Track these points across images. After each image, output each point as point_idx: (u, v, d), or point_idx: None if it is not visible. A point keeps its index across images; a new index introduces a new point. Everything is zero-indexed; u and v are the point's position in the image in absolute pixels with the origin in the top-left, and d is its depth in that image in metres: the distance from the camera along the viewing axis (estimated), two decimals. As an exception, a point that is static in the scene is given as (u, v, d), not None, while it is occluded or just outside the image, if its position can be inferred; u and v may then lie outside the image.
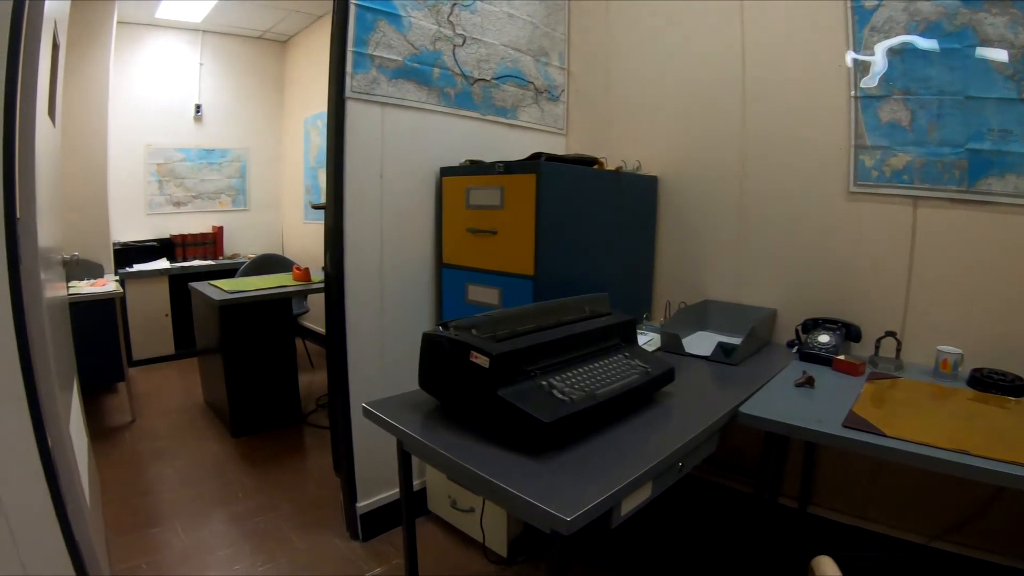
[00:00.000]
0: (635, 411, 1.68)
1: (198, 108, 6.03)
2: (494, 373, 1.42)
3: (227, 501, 2.98)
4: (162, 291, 5.39)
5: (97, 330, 3.72)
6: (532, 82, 3.08)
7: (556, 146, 3.25)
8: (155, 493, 3.09)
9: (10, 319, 1.57)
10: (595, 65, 3.21)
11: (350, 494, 2.59)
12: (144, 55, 5.73)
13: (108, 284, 3.96)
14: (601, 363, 1.69)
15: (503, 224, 2.39)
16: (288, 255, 5.57)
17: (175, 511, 2.91)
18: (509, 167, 2.35)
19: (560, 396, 1.46)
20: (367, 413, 1.70)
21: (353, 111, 2.36)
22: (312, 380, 4.79)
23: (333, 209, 2.39)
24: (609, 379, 1.62)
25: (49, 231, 2.02)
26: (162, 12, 5.40)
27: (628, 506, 1.33)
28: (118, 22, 5.01)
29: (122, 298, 3.93)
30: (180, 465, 3.41)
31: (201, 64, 6.01)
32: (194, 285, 4.06)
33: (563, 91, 3.28)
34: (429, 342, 1.60)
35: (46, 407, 1.71)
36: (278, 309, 3.79)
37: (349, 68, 2.33)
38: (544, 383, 1.49)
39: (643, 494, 1.38)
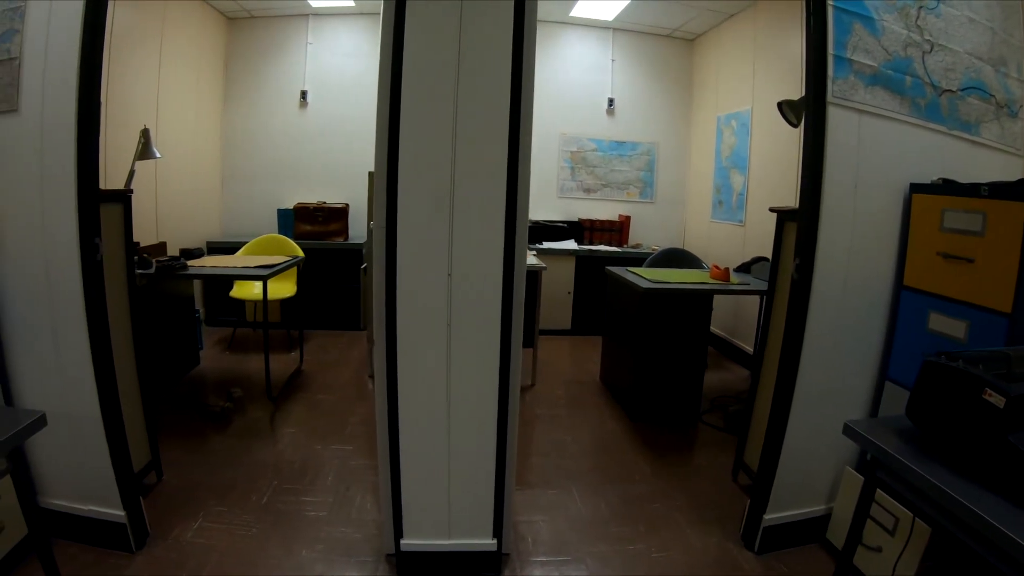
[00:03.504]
0: None
1: (611, 102, 6.45)
2: (1008, 415, 1.30)
3: (624, 480, 3.10)
4: (568, 270, 5.90)
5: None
6: (993, 95, 2.74)
7: (1013, 170, 2.88)
8: (554, 457, 3.35)
9: (499, 282, 2.01)
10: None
11: (759, 504, 2.53)
12: (560, 50, 6.34)
13: (531, 258, 4.31)
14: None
15: (983, 252, 2.16)
16: (689, 251, 5.58)
17: (572, 478, 3.12)
18: (995, 190, 2.12)
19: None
20: (848, 431, 1.70)
21: (833, 117, 2.29)
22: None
23: (807, 216, 2.33)
24: None
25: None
26: (577, 11, 5.87)
27: None
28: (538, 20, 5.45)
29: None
30: (579, 436, 3.65)
31: (613, 60, 6.41)
32: (612, 269, 4.28)
33: (1021, 106, 2.91)
34: (933, 371, 1.53)
35: (513, 362, 2.10)
36: (697, 304, 3.82)
37: (830, 72, 2.26)
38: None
39: None
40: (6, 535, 2.22)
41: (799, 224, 2.39)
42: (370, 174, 4.36)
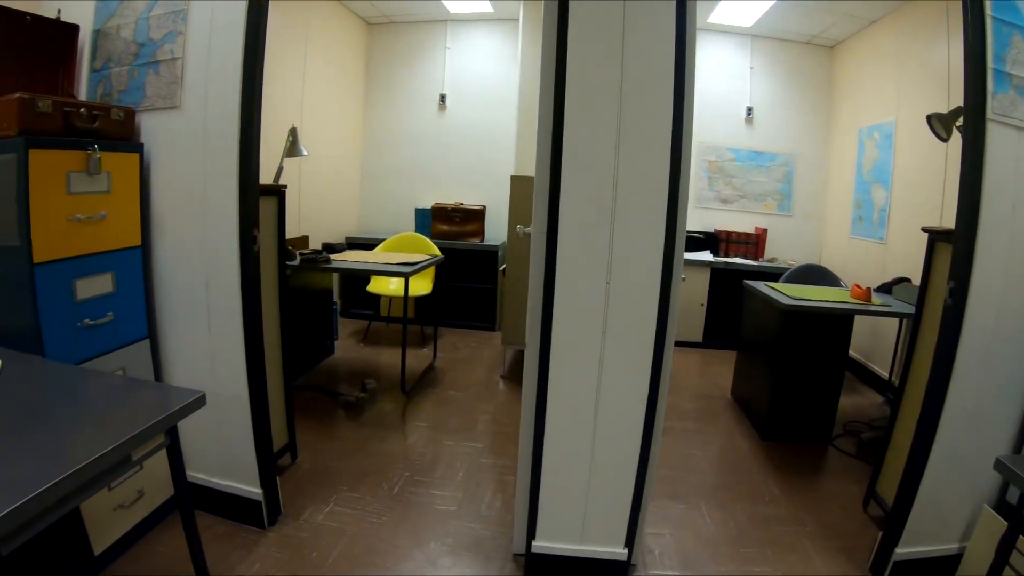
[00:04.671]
0: None
1: (749, 110, 6.23)
2: None
3: (753, 500, 3.00)
4: (703, 281, 5.74)
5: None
6: None
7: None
8: (683, 470, 3.27)
9: (656, 292, 1.99)
10: None
11: (892, 536, 2.40)
12: (699, 57, 6.11)
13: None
14: None
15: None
16: (825, 267, 5.37)
17: (701, 493, 3.04)
18: None
19: None
20: (1001, 467, 1.62)
21: (992, 135, 2.15)
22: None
23: (964, 238, 2.20)
24: None
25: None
26: (715, 16, 5.69)
27: None
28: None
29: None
30: (709, 451, 3.56)
31: (751, 68, 6.20)
32: (751, 284, 4.15)
33: None
34: None
35: (664, 373, 2.08)
36: (837, 324, 3.68)
37: (990, 87, 2.12)
38: None
39: None
40: (146, 500, 2.42)
41: (955, 246, 2.23)
42: (512, 178, 4.35)
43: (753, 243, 6.10)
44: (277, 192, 2.91)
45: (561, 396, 2.10)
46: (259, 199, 2.39)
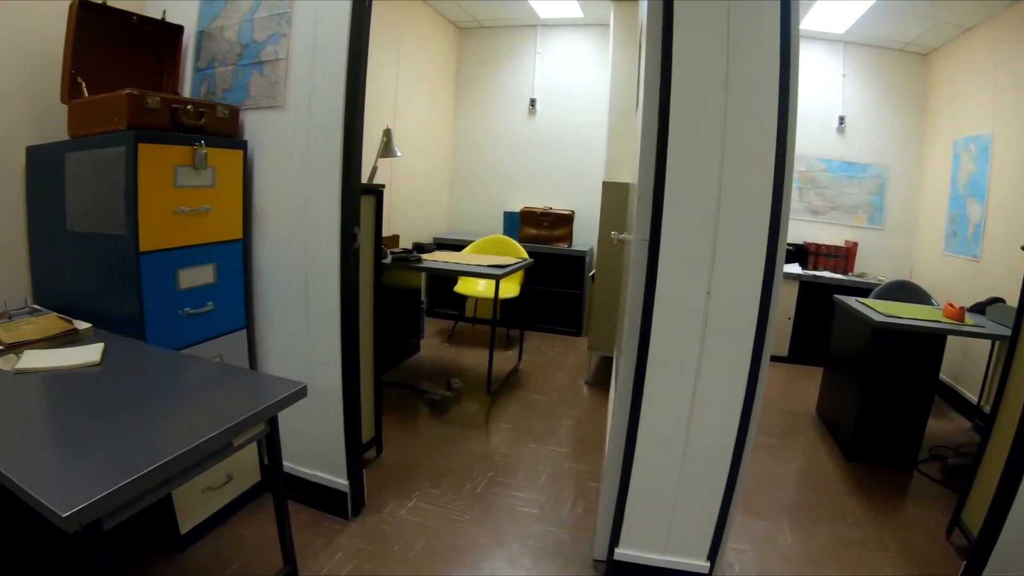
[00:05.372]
0: None
1: (841, 120, 6.02)
2: None
3: (835, 521, 2.92)
4: (790, 294, 5.59)
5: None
6: None
7: None
8: (766, 486, 3.21)
9: (756, 304, 1.94)
10: None
11: (976, 567, 2.32)
12: None
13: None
14: None
15: None
16: (917, 284, 5.15)
17: (784, 510, 2.97)
18: None
19: None
20: None
21: None
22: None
23: None
24: None
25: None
26: (807, 23, 5.53)
27: None
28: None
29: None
30: (792, 468, 3.47)
31: (844, 75, 6.00)
32: (841, 299, 4.05)
33: None
34: None
35: (759, 387, 2.02)
36: (929, 344, 3.53)
37: None
38: None
39: None
40: (233, 484, 2.53)
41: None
42: (604, 184, 4.32)
43: (843, 257, 5.87)
44: (375, 192, 2.98)
45: (655, 406, 2.08)
46: (360, 198, 2.45)
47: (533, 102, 6.30)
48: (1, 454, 1.26)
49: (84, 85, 2.35)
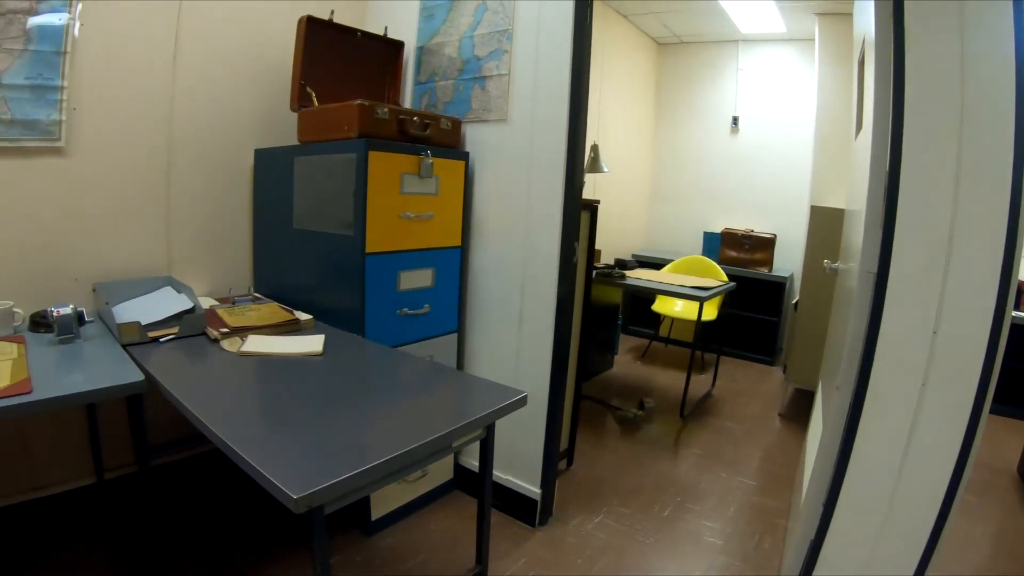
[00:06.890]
0: None
1: None
2: None
3: None
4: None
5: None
6: None
7: None
8: (960, 549, 2.96)
9: (983, 347, 1.84)
10: None
11: None
12: None
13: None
14: None
15: None
16: None
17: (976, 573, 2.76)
18: None
19: None
20: None
21: None
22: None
23: None
24: None
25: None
26: None
27: None
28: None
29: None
30: (987, 529, 3.17)
31: None
32: None
33: None
34: None
35: (977, 437, 1.90)
36: None
37: None
38: None
39: None
40: (427, 479, 2.71)
41: None
42: (812, 208, 4.15)
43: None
44: (591, 207, 3.05)
45: (866, 450, 1.98)
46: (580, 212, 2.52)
47: (736, 120, 6.13)
48: (234, 434, 1.36)
49: (314, 95, 2.58)
